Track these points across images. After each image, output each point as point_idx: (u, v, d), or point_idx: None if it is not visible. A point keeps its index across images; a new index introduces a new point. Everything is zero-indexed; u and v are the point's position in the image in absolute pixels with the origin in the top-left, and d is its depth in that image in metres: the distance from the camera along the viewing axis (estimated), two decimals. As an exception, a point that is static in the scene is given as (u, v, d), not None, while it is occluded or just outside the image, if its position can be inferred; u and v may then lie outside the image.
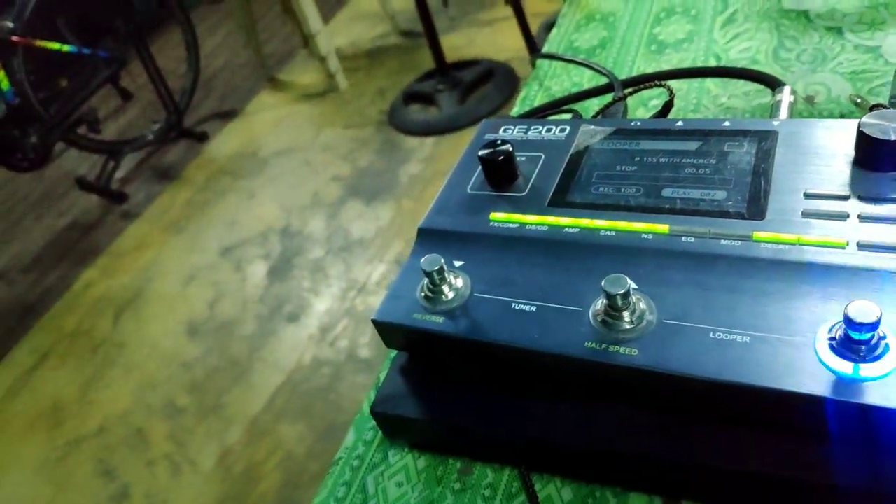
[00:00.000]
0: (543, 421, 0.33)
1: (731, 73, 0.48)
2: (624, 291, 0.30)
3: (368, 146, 2.26)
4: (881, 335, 0.26)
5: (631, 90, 0.46)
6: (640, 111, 0.55)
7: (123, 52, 2.46)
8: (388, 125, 2.31)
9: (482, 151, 0.40)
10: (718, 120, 0.39)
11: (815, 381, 0.26)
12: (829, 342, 0.27)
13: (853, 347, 0.26)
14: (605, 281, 0.30)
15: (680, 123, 0.40)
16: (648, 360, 0.29)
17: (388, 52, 2.74)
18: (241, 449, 1.48)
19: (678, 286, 0.32)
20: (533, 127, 0.43)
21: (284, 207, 2.15)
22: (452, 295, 0.35)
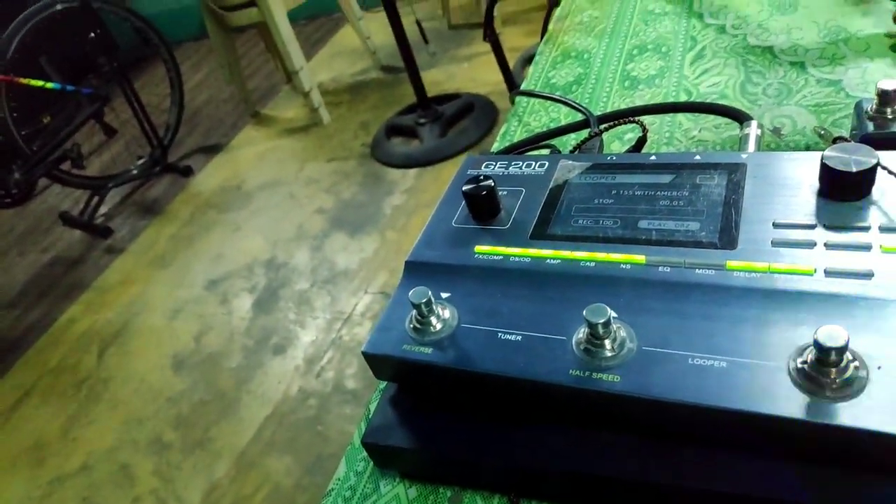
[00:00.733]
0: (531, 448, 0.34)
1: (700, 108, 0.50)
2: (605, 320, 0.31)
3: (352, 179, 2.28)
4: (850, 358, 0.28)
5: (606, 126, 0.48)
6: (615, 145, 0.57)
7: (107, 88, 2.47)
8: (370, 158, 2.33)
9: (466, 187, 0.41)
10: (690, 153, 0.41)
11: (788, 403, 0.28)
12: (800, 366, 0.28)
13: (823, 371, 0.28)
14: (586, 310, 0.31)
15: (653, 157, 0.41)
16: (630, 386, 0.30)
17: (369, 86, 2.78)
18: (228, 483, 1.46)
19: (657, 314, 0.33)
20: (514, 162, 0.45)
21: (269, 240, 2.15)
22: (440, 326, 0.36)
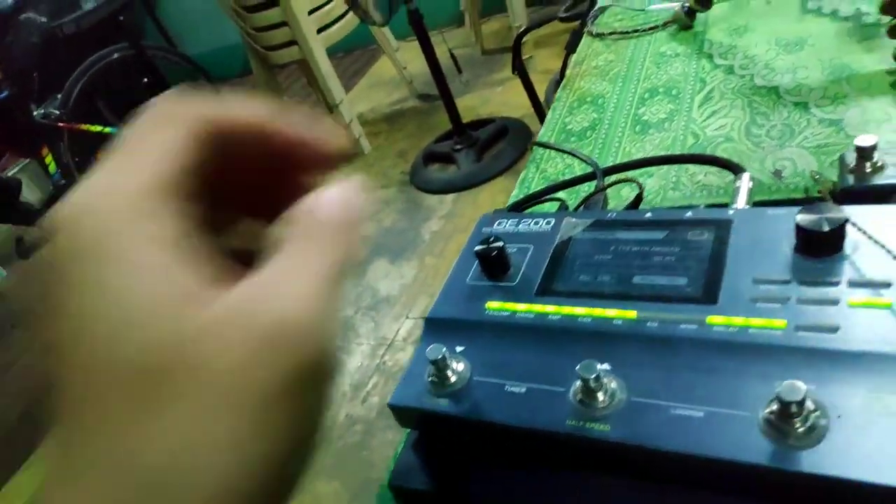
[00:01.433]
0: (536, 489, 0.38)
1: (698, 159, 0.54)
2: (595, 376, 0.35)
3: (392, 206, 2.35)
4: (811, 409, 0.31)
5: (608, 184, 0.52)
6: (625, 190, 0.61)
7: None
8: (409, 185, 2.40)
9: (477, 248, 0.46)
10: (682, 210, 0.44)
11: (756, 451, 0.31)
12: (768, 415, 0.32)
13: (787, 420, 0.31)
14: (579, 366, 0.35)
15: (649, 214, 0.45)
16: (619, 434, 0.34)
17: (406, 115, 2.87)
18: (279, 509, 1.52)
19: (645, 367, 0.37)
20: (523, 220, 0.49)
21: (314, 269, 2.23)
22: (455, 379, 0.40)
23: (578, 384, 0.36)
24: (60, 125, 2.36)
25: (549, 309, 0.42)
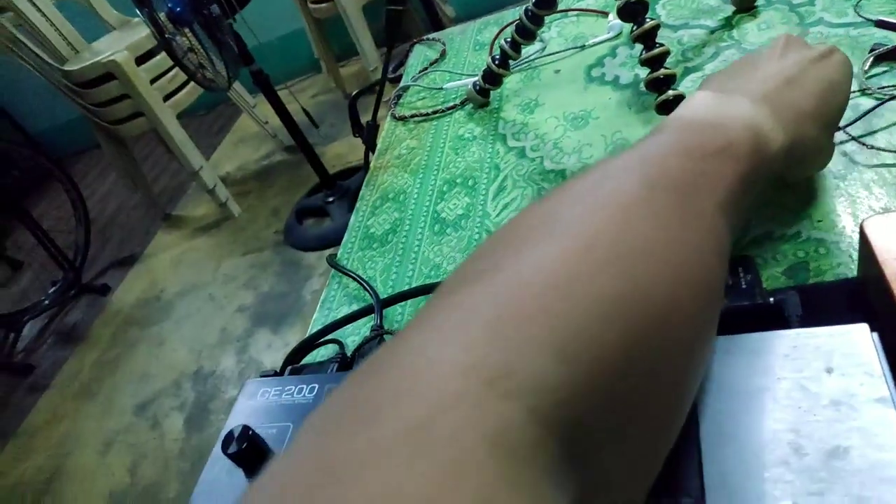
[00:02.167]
0: None
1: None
2: None
3: (268, 270, 2.27)
4: None
5: (381, 332, 0.49)
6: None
7: (1, 222, 2.42)
8: (284, 245, 2.33)
9: (230, 450, 0.40)
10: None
11: None
12: None
13: None
14: None
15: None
16: None
17: (276, 170, 2.79)
18: None
19: None
20: (286, 388, 0.46)
21: (194, 350, 2.12)
22: None
23: None
24: None
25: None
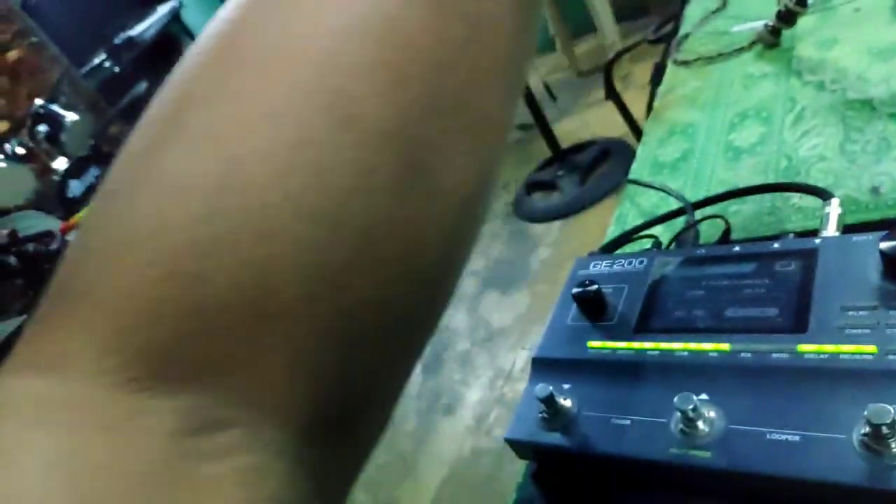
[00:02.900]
0: (648, 513, 0.41)
1: (784, 187, 0.55)
2: (692, 407, 0.38)
3: (498, 238, 2.41)
4: (903, 430, 0.33)
5: (697, 220, 0.54)
6: (718, 221, 0.63)
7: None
8: (514, 216, 2.45)
9: (574, 290, 0.50)
10: (769, 243, 0.47)
11: (854, 471, 0.33)
12: (861, 437, 0.34)
13: (882, 441, 0.33)
14: (676, 398, 0.39)
15: (737, 249, 0.48)
16: (719, 460, 0.37)
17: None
18: (416, 541, 1.59)
19: (741, 396, 0.39)
20: (616, 261, 0.53)
21: (430, 306, 2.33)
22: (564, 414, 0.45)
23: (678, 415, 0.40)
24: None
25: (647, 346, 0.45)
